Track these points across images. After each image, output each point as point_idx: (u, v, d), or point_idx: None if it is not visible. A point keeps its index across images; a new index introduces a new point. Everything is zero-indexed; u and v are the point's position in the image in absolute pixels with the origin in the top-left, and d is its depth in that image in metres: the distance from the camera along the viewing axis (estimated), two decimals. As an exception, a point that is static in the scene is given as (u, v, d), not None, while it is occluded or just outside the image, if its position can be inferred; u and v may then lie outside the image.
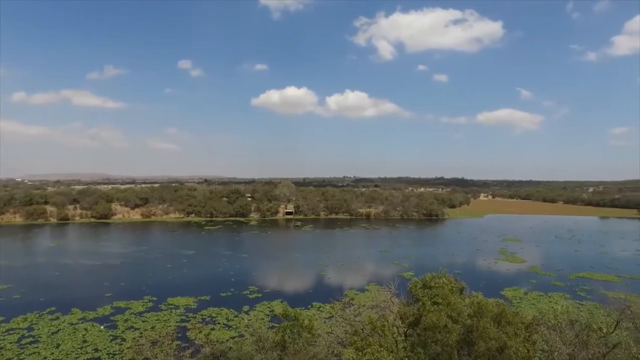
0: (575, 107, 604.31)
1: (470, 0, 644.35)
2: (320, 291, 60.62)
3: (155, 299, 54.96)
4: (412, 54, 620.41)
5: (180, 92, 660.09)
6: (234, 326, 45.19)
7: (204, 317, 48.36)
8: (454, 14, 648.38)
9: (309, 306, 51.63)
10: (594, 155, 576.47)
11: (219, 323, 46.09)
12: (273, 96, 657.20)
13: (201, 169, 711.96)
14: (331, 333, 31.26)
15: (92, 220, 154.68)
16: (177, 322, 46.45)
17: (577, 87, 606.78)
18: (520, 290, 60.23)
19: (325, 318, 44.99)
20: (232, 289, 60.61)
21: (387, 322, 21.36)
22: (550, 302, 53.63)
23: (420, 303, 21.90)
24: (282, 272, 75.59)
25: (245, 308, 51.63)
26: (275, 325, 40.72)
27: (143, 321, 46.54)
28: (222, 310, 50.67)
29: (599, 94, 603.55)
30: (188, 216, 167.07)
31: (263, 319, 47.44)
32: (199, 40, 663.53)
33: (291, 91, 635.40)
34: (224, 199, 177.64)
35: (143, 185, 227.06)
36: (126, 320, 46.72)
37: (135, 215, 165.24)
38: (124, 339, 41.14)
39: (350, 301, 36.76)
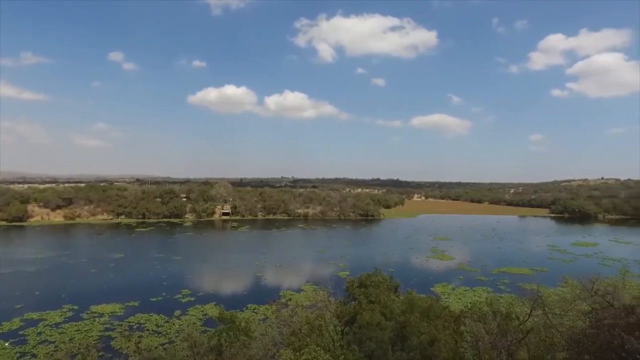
0: (499, 114, 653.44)
1: (408, 9, 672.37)
2: (256, 293, 59.69)
3: (76, 307, 50.56)
4: (351, 57, 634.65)
5: (110, 85, 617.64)
6: (165, 332, 42.96)
7: (132, 324, 45.43)
8: (392, 20, 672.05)
9: (244, 308, 50.46)
10: (515, 159, 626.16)
11: (147, 330, 43.53)
12: (211, 94, 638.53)
13: (133, 168, 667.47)
14: (266, 334, 30.65)
15: (3, 223, 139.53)
16: (100, 331, 43.08)
17: (501, 96, 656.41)
18: (448, 286, 63.48)
19: (260, 320, 44.26)
20: (163, 293, 57.69)
21: (325, 321, 21.32)
22: (474, 295, 57.26)
23: (357, 302, 22.12)
24: (217, 274, 73.40)
25: (177, 313, 49.36)
26: (208, 329, 39.26)
27: (60, 333, 42.41)
28: (152, 316, 48.02)
29: (519, 104, 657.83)
30: (118, 217, 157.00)
31: (195, 323, 45.53)
32: (132, 32, 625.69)
33: (230, 90, 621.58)
34: (157, 199, 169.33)
35: (66, 185, 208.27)
36: (39, 334, 42.22)
37: (57, 217, 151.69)
38: (35, 355, 37.20)
39: (288, 302, 36.47)
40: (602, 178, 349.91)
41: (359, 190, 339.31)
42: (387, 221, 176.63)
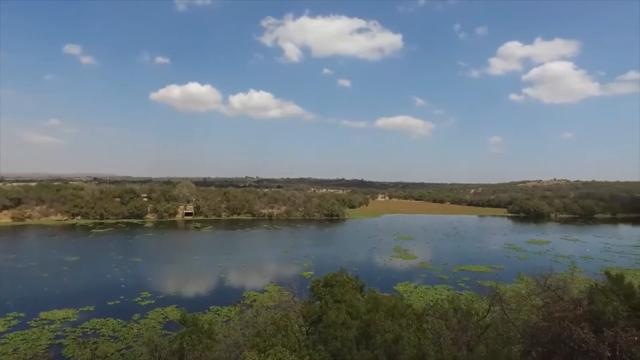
0: (461, 116, 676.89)
1: (374, 12, 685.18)
2: (219, 294, 58.70)
3: (22, 315, 47.40)
4: (317, 57, 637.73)
5: (65, 79, 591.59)
6: (122, 337, 41.26)
7: (86, 330, 43.29)
8: (359, 23, 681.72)
9: (206, 310, 49.35)
10: (476, 160, 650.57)
11: (103, 335, 41.59)
12: (174, 91, 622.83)
13: (90, 167, 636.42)
14: (229, 336, 30.08)
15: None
16: (50, 339, 40.59)
17: (462, 99, 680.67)
18: (411, 285, 64.67)
19: (223, 321, 43.46)
20: (121, 297, 55.49)
21: (290, 321, 21.15)
22: (436, 293, 58.69)
23: (323, 301, 22.09)
24: (179, 276, 71.49)
25: (136, 316, 47.62)
26: (169, 332, 38.13)
27: (2, 344, 39.33)
28: (108, 320, 46.05)
29: (480, 107, 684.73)
30: (73, 218, 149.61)
31: (155, 326, 44.10)
32: (91, 24, 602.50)
33: (194, 87, 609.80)
34: (117, 199, 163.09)
35: (14, 184, 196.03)
36: (-25, 347, 38.70)
37: (4, 218, 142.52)
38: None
39: (252, 303, 35.99)
40: (555, 179, 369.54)
41: (324, 190, 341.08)
42: (351, 221, 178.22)
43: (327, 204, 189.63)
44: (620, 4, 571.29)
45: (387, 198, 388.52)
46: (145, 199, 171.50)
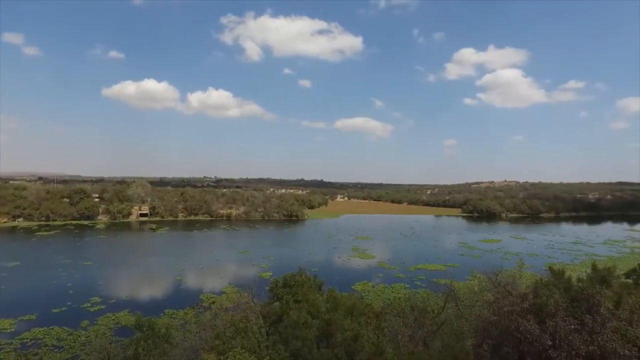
0: (418, 119, 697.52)
1: (336, 14, 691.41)
2: (175, 297, 57.08)
3: (-52, 328, 43.12)
4: (278, 57, 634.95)
5: (4, 71, 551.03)
6: (68, 346, 38.93)
7: (25, 341, 40.24)
8: (320, 24, 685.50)
9: (161, 314, 47.71)
10: (432, 161, 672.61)
11: (46, 345, 39.04)
12: (129, 88, 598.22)
13: (34, 165, 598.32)
14: (186, 340, 29.35)
15: None
16: (-19, 352, 37.21)
17: (420, 103, 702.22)
18: (369, 284, 65.68)
19: (179, 325, 42.28)
20: (68, 303, 52.55)
21: (250, 322, 20.93)
22: (393, 292, 59.98)
23: (284, 301, 22.03)
24: (133, 279, 68.77)
25: (84, 323, 45.23)
26: (120, 339, 36.63)
27: None
28: (52, 329, 43.25)
29: (436, 110, 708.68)
30: (14, 220, 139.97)
31: (106, 333, 42.12)
32: (35, 12, 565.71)
33: (150, 84, 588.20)
34: (65, 199, 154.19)
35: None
36: None
37: None
38: None
39: (211, 305, 35.28)
40: (505, 180, 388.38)
41: (284, 190, 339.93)
42: (310, 221, 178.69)
43: (286, 205, 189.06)
44: (564, 19, 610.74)
45: (346, 198, 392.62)
46: (97, 200, 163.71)
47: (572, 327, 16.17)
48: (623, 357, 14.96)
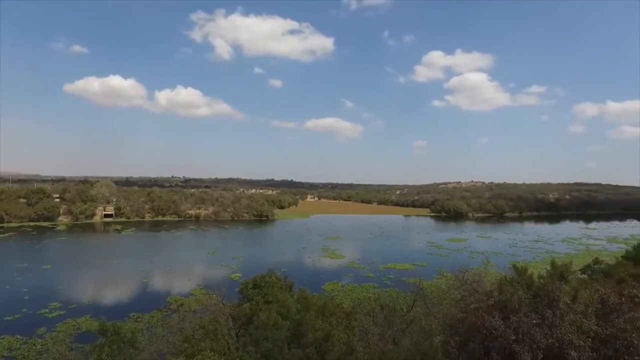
0: (388, 120, 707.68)
1: (307, 15, 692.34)
2: (141, 300, 55.51)
3: None
4: (249, 56, 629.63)
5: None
6: (21, 356, 36.78)
7: (-30, 352, 37.49)
8: (291, 24, 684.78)
9: (126, 318, 45.85)
10: (402, 162, 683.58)
11: (-4, 355, 36.57)
12: (93, 84, 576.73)
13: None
14: (153, 344, 28.57)
15: None
16: None
17: (390, 104, 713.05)
18: (338, 284, 65.96)
19: (144, 328, 41.04)
20: (23, 310, 49.77)
21: (219, 324, 20.59)
22: (362, 291, 60.47)
23: (253, 302, 21.81)
24: (95, 282, 65.94)
25: (41, 330, 42.79)
26: (81, 345, 35.20)
27: None
28: (4, 338, 40.56)
29: (405, 111, 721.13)
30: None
31: (65, 340, 40.19)
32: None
33: (116, 81, 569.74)
34: (22, 199, 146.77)
35: None
36: None
37: None
38: None
39: (179, 307, 34.50)
40: (472, 181, 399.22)
41: (253, 190, 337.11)
42: (280, 222, 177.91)
43: (256, 205, 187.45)
44: (528, 26, 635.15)
45: (316, 198, 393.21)
46: (58, 200, 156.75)
47: (534, 321, 16.81)
48: (578, 348, 15.68)
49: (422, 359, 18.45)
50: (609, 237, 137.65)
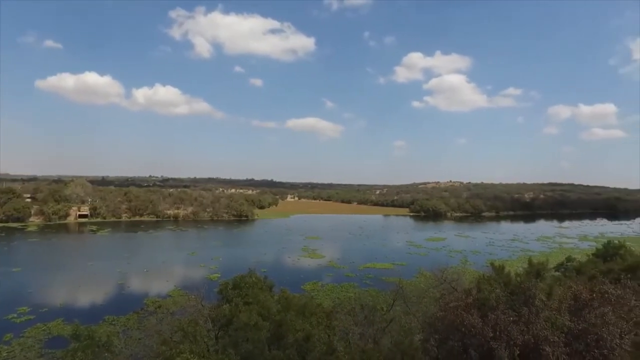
0: (368, 120, 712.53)
1: (289, 14, 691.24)
2: (117, 303, 54.10)
3: None
4: (229, 55, 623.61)
5: None
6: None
7: None
8: (272, 23, 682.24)
9: (100, 321, 44.49)
10: (381, 162, 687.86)
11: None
12: (67, 81, 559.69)
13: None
14: (128, 347, 27.93)
15: None
16: None
17: (370, 104, 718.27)
18: (318, 284, 65.92)
19: (120, 332, 40.07)
20: (-11, 315, 47.47)
21: (198, 326, 20.25)
22: (342, 291, 60.63)
23: (233, 303, 21.55)
24: (68, 285, 63.73)
25: (8, 337, 40.64)
26: (51, 351, 34.15)
27: None
28: (-34, 347, 38.25)
29: (385, 112, 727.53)
30: None
31: (34, 346, 38.64)
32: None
33: (91, 78, 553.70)
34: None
35: None
36: None
37: None
38: None
39: (157, 309, 33.83)
40: (450, 181, 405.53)
41: (233, 190, 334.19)
42: (260, 222, 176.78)
43: (236, 205, 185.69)
44: (505, 29, 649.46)
45: (296, 198, 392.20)
46: (29, 200, 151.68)
47: (511, 319, 17.18)
48: (552, 343, 16.10)
49: (402, 358, 18.58)
50: (580, 235, 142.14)
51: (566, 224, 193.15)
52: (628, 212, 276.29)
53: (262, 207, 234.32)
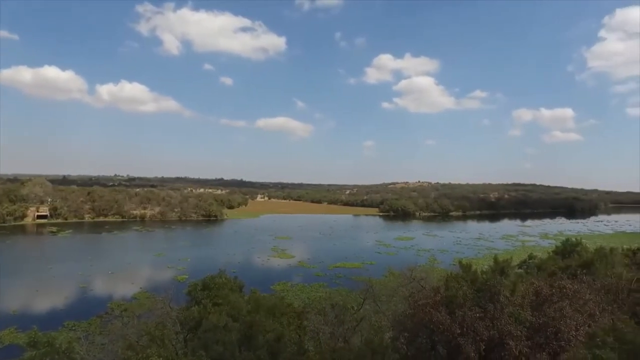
0: (339, 120, 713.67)
1: (260, 13, 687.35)
2: (78, 307, 52.14)
3: None
4: (199, 52, 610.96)
5: None
6: None
7: None
8: (243, 21, 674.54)
9: (59, 327, 42.41)
10: (351, 162, 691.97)
11: None
12: (24, 74, 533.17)
13: None
14: (90, 353, 26.89)
15: None
16: None
17: (340, 104, 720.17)
18: (288, 284, 65.74)
19: (81, 337, 38.45)
20: None
21: (166, 329, 19.74)
22: (312, 291, 60.71)
23: (202, 305, 21.16)
24: (24, 290, 60.32)
25: (-55, 352, 37.64)
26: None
27: None
28: None
29: (356, 112, 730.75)
30: None
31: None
32: None
33: (51, 72, 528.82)
34: None
35: None
36: None
37: None
38: None
39: (122, 312, 32.74)
40: (419, 181, 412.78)
41: (202, 190, 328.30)
42: (230, 222, 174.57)
43: (204, 205, 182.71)
44: (471, 32, 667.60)
45: (266, 198, 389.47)
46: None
47: (477, 315, 17.69)
48: (516, 338, 16.73)
49: (373, 356, 18.78)
50: (541, 233, 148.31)
51: (528, 222, 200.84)
52: (584, 211, 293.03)
53: (231, 207, 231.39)
